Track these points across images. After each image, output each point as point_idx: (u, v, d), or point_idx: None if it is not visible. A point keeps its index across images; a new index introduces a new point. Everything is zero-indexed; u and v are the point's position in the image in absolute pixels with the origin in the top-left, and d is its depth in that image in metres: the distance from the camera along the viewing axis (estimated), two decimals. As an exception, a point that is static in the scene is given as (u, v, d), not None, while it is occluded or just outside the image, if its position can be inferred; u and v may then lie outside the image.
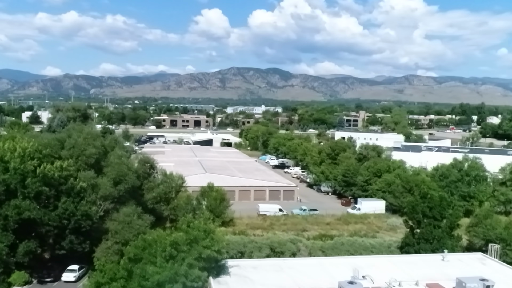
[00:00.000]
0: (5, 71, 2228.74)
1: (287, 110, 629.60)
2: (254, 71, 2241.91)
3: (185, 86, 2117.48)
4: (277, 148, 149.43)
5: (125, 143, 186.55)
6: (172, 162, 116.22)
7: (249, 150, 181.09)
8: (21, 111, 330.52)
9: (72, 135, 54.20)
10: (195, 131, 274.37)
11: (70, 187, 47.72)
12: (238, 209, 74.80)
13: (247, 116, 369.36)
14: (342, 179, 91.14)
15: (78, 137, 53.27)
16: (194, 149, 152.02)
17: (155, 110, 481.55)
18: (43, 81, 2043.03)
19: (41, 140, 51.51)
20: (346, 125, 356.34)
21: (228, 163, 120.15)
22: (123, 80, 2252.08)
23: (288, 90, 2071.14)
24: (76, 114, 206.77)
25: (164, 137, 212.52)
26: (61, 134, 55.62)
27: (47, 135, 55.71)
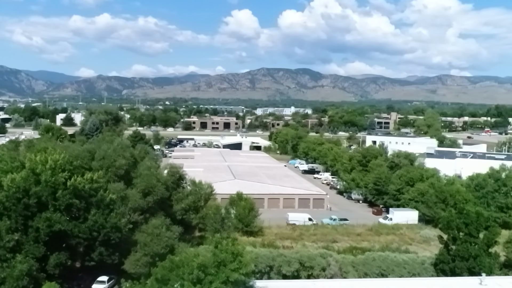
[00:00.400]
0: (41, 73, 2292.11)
1: (317, 111, 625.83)
2: (284, 71, 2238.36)
3: (215, 87, 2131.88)
4: (306, 152, 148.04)
5: (156, 146, 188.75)
6: (201, 168, 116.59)
7: (279, 154, 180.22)
8: (55, 113, 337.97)
9: (103, 146, 54.50)
10: (224, 133, 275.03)
11: (100, 199, 47.93)
12: (267, 217, 74.05)
13: (277, 118, 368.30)
14: (373, 187, 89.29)
15: (108, 148, 53.53)
16: (223, 153, 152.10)
17: (185, 111, 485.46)
18: (77, 82, 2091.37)
19: (72, 151, 51.97)
20: (377, 127, 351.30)
21: (257, 168, 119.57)
22: (154, 81, 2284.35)
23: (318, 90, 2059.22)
24: (108, 117, 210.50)
25: (194, 140, 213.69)
26: (92, 144, 55.90)
27: (77, 146, 55.78)
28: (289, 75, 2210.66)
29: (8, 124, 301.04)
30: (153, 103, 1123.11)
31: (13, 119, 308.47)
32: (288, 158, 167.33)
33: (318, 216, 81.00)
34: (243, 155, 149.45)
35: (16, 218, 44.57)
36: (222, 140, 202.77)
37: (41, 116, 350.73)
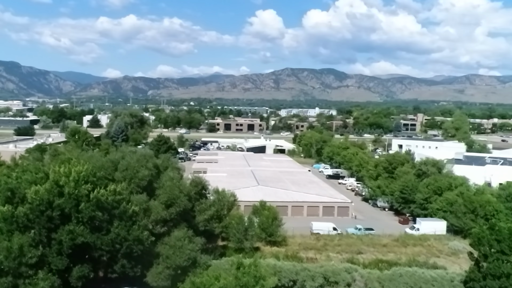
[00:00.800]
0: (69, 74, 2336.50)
1: (342, 112, 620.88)
2: (308, 71, 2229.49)
3: (239, 87, 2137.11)
4: (331, 157, 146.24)
5: (180, 149, 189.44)
6: (225, 172, 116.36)
7: (303, 157, 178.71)
8: (82, 115, 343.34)
9: (126, 156, 54.40)
10: (248, 135, 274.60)
11: (123, 211, 47.70)
12: (291, 226, 73.02)
13: (301, 120, 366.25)
14: (400, 196, 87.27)
15: (131, 158, 53.37)
16: (247, 157, 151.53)
17: (209, 112, 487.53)
18: (103, 83, 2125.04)
19: (95, 162, 51.97)
20: (403, 129, 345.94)
21: (281, 173, 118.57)
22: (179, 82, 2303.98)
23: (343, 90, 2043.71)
24: (133, 120, 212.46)
25: (218, 143, 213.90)
26: (115, 155, 55.84)
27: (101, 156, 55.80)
28: (313, 75, 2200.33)
29: (37, 126, 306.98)
30: (178, 103, 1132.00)
31: (41, 120, 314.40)
32: (312, 162, 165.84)
33: (342, 225, 79.57)
34: (266, 159, 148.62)
35: (40, 230, 44.66)
36: (246, 143, 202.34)
37: (68, 117, 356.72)
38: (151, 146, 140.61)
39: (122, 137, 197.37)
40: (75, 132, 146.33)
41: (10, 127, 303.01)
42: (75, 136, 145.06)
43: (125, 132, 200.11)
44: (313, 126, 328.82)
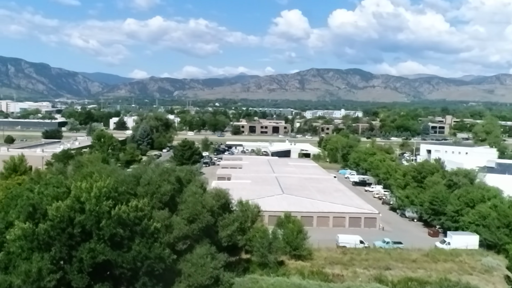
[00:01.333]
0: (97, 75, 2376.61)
1: (368, 113, 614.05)
2: (334, 72, 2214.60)
3: (264, 88, 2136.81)
4: (357, 163, 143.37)
5: (205, 152, 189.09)
6: (249, 179, 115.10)
7: (328, 162, 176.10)
8: (109, 117, 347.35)
9: (148, 170, 53.48)
10: (273, 138, 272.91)
11: (145, 228, 46.69)
12: (316, 238, 71.04)
13: (326, 122, 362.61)
14: (430, 207, 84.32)
15: (154, 173, 52.40)
16: (271, 162, 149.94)
17: (234, 114, 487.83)
18: (130, 84, 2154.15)
19: (118, 176, 51.19)
20: (431, 132, 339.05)
21: (306, 180, 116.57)
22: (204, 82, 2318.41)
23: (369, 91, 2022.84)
24: (158, 123, 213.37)
25: (242, 146, 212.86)
26: (137, 169, 54.98)
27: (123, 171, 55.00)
28: (339, 76, 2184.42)
29: (64, 128, 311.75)
30: (203, 104, 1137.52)
31: (69, 123, 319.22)
32: (338, 167, 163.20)
33: (370, 237, 77.18)
34: (291, 165, 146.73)
35: (61, 248, 43.99)
36: (270, 147, 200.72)
37: (95, 119, 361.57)
38: (175, 151, 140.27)
39: (147, 140, 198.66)
40: (100, 137, 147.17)
41: (39, 129, 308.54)
42: (100, 141, 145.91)
43: (150, 135, 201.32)
44: (338, 129, 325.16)
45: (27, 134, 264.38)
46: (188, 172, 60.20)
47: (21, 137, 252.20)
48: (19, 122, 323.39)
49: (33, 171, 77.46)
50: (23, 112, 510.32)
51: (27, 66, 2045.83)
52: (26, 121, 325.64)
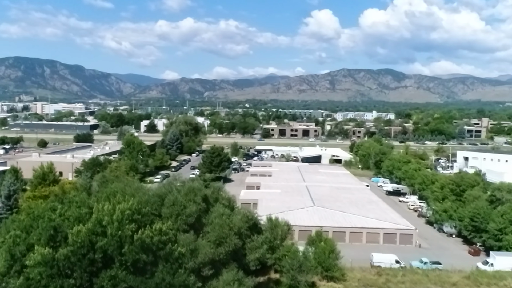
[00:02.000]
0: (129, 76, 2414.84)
1: (400, 115, 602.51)
2: (365, 72, 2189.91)
3: (294, 89, 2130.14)
4: (391, 171, 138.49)
5: (234, 158, 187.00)
6: (279, 188, 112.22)
7: (360, 169, 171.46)
8: (139, 120, 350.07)
9: (173, 190, 51.22)
10: (303, 142, 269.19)
11: (169, 253, 44.41)
12: (349, 255, 67.48)
13: (358, 125, 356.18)
14: (470, 223, 79.54)
15: (179, 192, 50.09)
16: (302, 169, 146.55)
17: (264, 116, 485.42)
18: (161, 85, 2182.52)
19: (142, 196, 49.08)
20: (467, 136, 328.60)
21: (338, 190, 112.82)
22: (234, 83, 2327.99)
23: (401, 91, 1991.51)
24: (188, 127, 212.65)
25: (272, 151, 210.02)
26: (162, 188, 52.83)
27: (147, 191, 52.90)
28: (370, 76, 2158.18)
29: (96, 131, 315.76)
30: (233, 105, 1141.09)
31: (101, 126, 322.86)
32: (370, 175, 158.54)
33: (406, 255, 73.11)
34: (322, 172, 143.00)
35: (81, 274, 42.15)
36: (300, 152, 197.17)
37: (126, 122, 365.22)
38: (204, 158, 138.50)
39: (177, 145, 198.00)
40: (130, 143, 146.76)
41: (71, 131, 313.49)
42: (130, 147, 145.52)
43: (180, 140, 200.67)
44: (370, 132, 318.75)
45: (59, 137, 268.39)
46: (215, 189, 57.70)
47: (53, 140, 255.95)
48: (52, 125, 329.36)
49: (58, 186, 76.52)
50: (57, 114, 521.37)
51: (62, 68, 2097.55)
52: (59, 124, 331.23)
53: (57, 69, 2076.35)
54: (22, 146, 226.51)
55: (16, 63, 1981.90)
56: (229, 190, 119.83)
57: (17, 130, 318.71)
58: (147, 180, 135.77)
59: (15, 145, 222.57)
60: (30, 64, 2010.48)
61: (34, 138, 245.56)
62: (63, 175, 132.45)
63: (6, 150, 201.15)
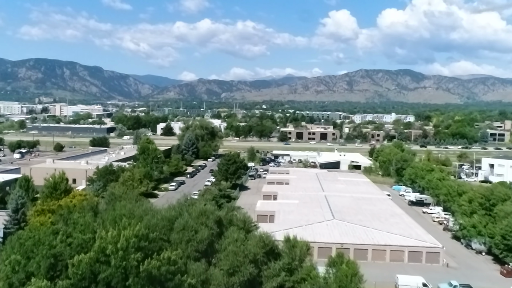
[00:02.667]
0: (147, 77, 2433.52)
1: (420, 117, 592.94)
2: (383, 72, 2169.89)
3: (312, 89, 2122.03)
4: (413, 180, 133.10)
5: (250, 163, 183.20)
6: (296, 199, 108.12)
7: (380, 175, 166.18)
8: (156, 123, 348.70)
9: (183, 213, 47.48)
10: (321, 145, 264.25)
11: (178, 285, 40.71)
12: (371, 276, 62.86)
13: (377, 128, 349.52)
14: (502, 241, 74.34)
15: (190, 215, 46.33)
16: (320, 177, 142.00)
17: (281, 118, 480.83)
18: (179, 86, 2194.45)
19: (149, 219, 45.50)
20: (490, 140, 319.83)
21: (359, 201, 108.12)
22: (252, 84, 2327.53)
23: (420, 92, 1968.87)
24: (204, 132, 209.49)
25: (289, 156, 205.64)
26: (172, 211, 49.13)
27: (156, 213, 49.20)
28: (388, 76, 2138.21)
29: (113, 134, 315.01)
30: (251, 106, 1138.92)
31: (117, 128, 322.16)
32: (391, 182, 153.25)
33: (433, 276, 68.34)
34: (342, 180, 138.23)
35: (83, 308, 38.74)
36: (318, 158, 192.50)
37: (143, 124, 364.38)
38: (219, 165, 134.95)
39: (193, 150, 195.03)
40: (144, 149, 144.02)
41: (88, 134, 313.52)
42: (144, 153, 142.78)
43: (195, 144, 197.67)
44: (390, 136, 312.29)
45: (76, 141, 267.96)
46: (229, 210, 53.85)
47: (70, 144, 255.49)
48: (69, 128, 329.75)
49: (67, 199, 73.55)
50: (75, 116, 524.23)
51: (81, 69, 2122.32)
52: (76, 127, 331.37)
53: (77, 70, 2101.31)
54: (38, 150, 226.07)
55: (36, 65, 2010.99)
56: (245, 200, 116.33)
57: (35, 133, 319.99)
58: (161, 187, 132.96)
59: (31, 149, 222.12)
60: (50, 66, 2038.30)
61: (51, 142, 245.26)
62: (76, 182, 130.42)
63: (22, 155, 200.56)
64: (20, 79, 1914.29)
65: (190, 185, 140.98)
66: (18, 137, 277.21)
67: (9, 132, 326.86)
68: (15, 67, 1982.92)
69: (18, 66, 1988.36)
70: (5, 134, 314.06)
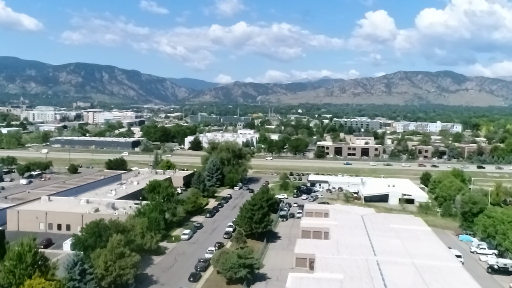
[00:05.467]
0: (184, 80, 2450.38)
1: (467, 125, 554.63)
2: (423, 74, 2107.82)
3: (349, 92, 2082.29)
4: (490, 234, 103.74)
5: (282, 195, 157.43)
6: (340, 270, 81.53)
7: (439, 214, 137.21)
8: (184, 135, 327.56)
9: None
10: (363, 165, 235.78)
11: None
12: None
13: (423, 142, 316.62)
14: None
15: None
16: (368, 223, 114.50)
17: (317, 128, 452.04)
18: (215, 89, 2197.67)
19: None
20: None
21: (424, 274, 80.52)
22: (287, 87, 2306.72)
23: (462, 94, 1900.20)
24: (229, 155, 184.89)
25: (328, 183, 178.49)
26: None
27: None
28: (428, 78, 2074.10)
29: (137, 148, 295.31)
30: (286, 111, 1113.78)
31: (142, 143, 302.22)
32: (454, 226, 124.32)
33: None
34: (395, 230, 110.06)
35: None
36: (362, 188, 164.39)
37: (172, 136, 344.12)
38: (242, 211, 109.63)
39: (217, 176, 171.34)
40: (154, 187, 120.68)
41: (112, 148, 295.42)
42: (154, 191, 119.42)
43: (220, 170, 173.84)
44: (439, 153, 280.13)
45: (96, 158, 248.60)
46: None
47: (88, 162, 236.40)
48: (93, 142, 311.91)
49: None
50: (106, 124, 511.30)
51: (119, 73, 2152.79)
52: (100, 141, 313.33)
53: (115, 74, 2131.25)
54: (52, 172, 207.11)
55: (76, 69, 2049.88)
56: (272, 262, 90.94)
57: (57, 146, 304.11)
58: (172, 235, 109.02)
59: (44, 170, 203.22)
60: (90, 70, 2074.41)
61: (67, 160, 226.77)
62: (71, 229, 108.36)
63: (30, 180, 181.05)
64: (61, 83, 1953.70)
65: (208, 231, 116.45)
66: (37, 153, 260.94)
67: (32, 146, 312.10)
68: (56, 72, 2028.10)
69: (59, 71, 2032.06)
70: (27, 148, 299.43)
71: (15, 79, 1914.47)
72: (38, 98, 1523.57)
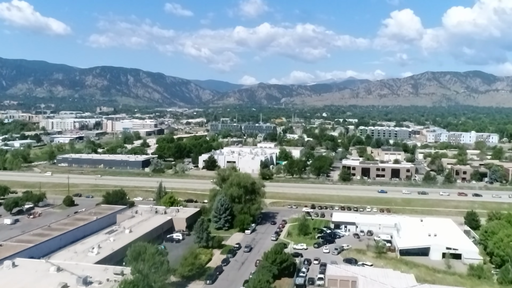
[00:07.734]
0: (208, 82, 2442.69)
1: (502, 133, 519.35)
2: (451, 75, 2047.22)
3: (375, 93, 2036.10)
4: None
5: (301, 244, 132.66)
6: None
7: (495, 275, 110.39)
8: (199, 153, 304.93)
9: None
10: (395, 192, 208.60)
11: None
12: None
13: (460, 161, 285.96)
14: None
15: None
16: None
17: (342, 140, 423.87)
18: (239, 91, 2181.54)
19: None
20: None
21: None
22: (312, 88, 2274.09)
23: (492, 95, 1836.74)
24: (240, 191, 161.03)
25: (355, 225, 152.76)
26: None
27: None
28: (457, 79, 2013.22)
29: (147, 169, 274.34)
30: (311, 114, 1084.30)
31: (152, 163, 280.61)
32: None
33: None
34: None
35: None
36: (397, 237, 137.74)
37: (187, 151, 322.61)
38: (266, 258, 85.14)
39: (225, 217, 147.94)
40: (139, 253, 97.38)
41: (121, 168, 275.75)
42: (137, 260, 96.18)
43: (230, 209, 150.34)
44: (480, 175, 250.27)
45: (99, 184, 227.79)
46: None
47: (91, 189, 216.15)
48: (102, 161, 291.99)
49: None
50: (123, 134, 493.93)
51: (144, 76, 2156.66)
52: (109, 160, 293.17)
53: (140, 77, 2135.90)
54: (46, 204, 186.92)
55: (102, 72, 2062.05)
56: None
57: (64, 165, 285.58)
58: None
59: (37, 202, 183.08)
60: (115, 73, 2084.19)
61: (66, 186, 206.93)
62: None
63: (17, 219, 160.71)
64: (87, 87, 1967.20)
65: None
66: (40, 175, 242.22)
67: (38, 165, 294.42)
68: (82, 75, 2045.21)
69: (85, 74, 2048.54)
70: (32, 168, 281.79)
71: (43, 83, 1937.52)
72: (64, 102, 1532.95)
